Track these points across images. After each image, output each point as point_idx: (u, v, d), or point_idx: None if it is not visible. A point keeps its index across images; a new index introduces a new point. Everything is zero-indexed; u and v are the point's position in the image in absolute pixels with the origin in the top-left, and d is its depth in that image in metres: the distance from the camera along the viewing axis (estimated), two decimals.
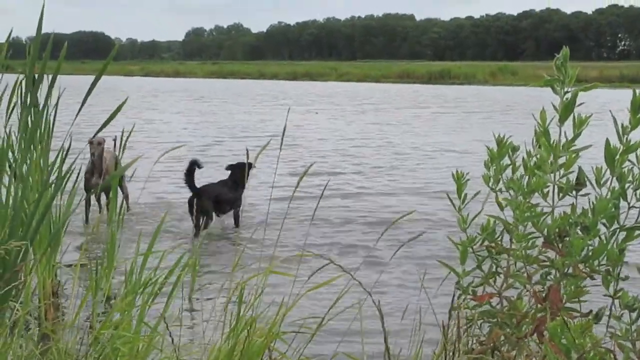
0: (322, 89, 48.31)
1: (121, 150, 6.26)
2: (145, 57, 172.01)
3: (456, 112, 29.27)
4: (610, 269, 3.10)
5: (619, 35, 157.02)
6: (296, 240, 7.93)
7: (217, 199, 8.79)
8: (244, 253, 4.03)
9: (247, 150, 6.11)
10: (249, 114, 27.25)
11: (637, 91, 3.05)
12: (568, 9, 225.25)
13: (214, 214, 8.79)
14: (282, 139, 4.04)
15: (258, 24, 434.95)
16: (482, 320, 3.33)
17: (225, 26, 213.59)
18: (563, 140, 3.09)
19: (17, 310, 3.76)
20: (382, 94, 43.28)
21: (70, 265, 5.67)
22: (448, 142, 18.43)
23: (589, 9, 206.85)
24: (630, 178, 3.06)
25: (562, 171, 3.13)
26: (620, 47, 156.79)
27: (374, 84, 59.46)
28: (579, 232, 3.04)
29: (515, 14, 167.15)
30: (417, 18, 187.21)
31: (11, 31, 5.77)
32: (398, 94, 43.82)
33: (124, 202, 7.77)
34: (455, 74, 61.62)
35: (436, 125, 23.78)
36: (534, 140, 3.15)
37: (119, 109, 4.96)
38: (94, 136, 4.97)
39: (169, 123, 23.52)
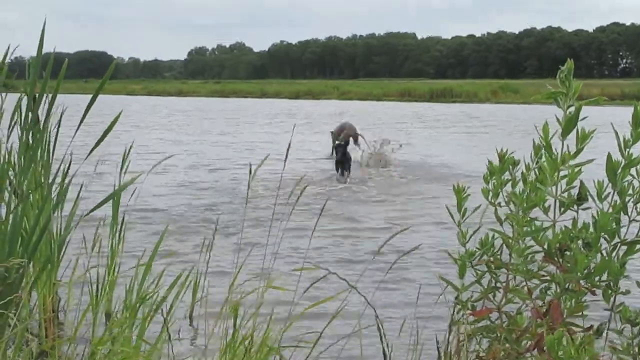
0: (340, 107, 48.04)
1: (123, 169, 6.23)
2: (148, 76, 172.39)
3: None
4: (611, 283, 3.08)
5: (620, 53, 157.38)
6: (296, 252, 7.94)
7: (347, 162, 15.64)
8: (243, 266, 4.01)
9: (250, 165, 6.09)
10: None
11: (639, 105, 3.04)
12: (569, 27, 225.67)
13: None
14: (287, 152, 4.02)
15: (260, 43, 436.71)
16: (481, 336, 3.31)
17: (227, 45, 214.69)
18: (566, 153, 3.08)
19: (15, 325, 3.75)
20: (394, 113, 43.26)
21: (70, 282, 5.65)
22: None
23: (590, 27, 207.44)
24: (630, 191, 3.05)
25: (563, 185, 3.12)
26: (622, 65, 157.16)
27: (376, 102, 59.51)
28: (581, 248, 3.02)
29: (517, 32, 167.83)
30: (419, 36, 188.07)
31: (14, 49, 5.77)
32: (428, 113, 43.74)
33: None
34: (457, 93, 61.68)
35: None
36: (532, 154, 3.14)
37: (113, 123, 4.95)
38: (89, 153, 4.94)
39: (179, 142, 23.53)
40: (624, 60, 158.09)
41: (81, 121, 5.16)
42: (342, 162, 15.61)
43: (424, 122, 35.17)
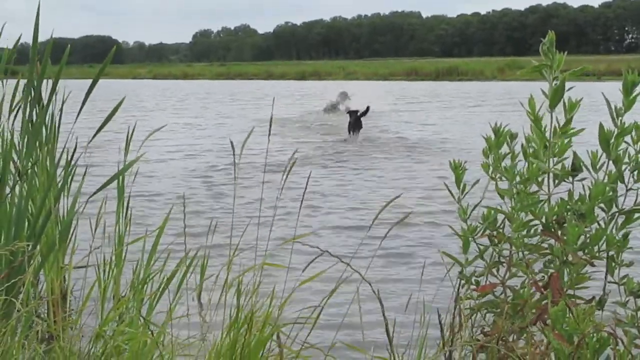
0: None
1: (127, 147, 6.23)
2: (154, 59, 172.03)
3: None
4: (614, 255, 3.08)
5: (626, 28, 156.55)
6: (287, 231, 7.94)
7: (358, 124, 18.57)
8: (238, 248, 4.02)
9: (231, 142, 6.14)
10: None
11: (629, 72, 3.02)
12: (575, 3, 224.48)
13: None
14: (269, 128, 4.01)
15: (265, 25, 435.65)
16: (486, 311, 3.32)
17: (232, 27, 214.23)
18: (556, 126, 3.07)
19: (22, 308, 3.77)
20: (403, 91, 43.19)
21: (80, 267, 5.67)
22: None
23: (595, 3, 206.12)
24: (626, 159, 3.04)
25: (555, 158, 3.11)
26: (628, 40, 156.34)
27: (383, 82, 59.42)
28: (573, 220, 3.02)
29: (522, 9, 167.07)
30: (424, 15, 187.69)
31: (19, 37, 5.80)
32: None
33: None
34: (463, 71, 61.52)
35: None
36: (531, 128, 3.14)
37: (116, 109, 4.96)
38: (92, 138, 4.95)
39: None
40: (630, 36, 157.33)
41: (82, 104, 5.16)
42: (354, 125, 18.61)
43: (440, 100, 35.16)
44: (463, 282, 3.37)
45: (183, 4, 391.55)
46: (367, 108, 19.20)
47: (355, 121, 18.72)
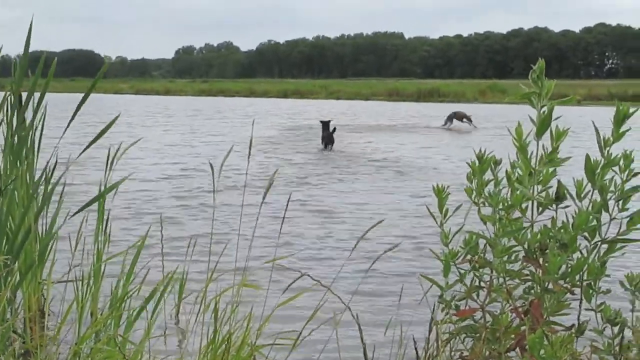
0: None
1: (110, 165, 6.20)
2: (136, 74, 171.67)
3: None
4: (592, 283, 3.09)
5: (607, 53, 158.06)
6: (267, 253, 7.92)
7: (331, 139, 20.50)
8: (217, 265, 4.01)
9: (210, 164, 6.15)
10: None
11: (621, 105, 3.05)
12: (556, 28, 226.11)
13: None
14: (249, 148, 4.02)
15: (248, 43, 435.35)
16: (465, 335, 3.33)
17: (215, 44, 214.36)
18: (542, 154, 3.08)
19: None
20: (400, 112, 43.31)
21: (59, 282, 5.64)
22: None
23: (576, 28, 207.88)
24: (612, 188, 3.05)
25: (540, 186, 3.12)
26: (608, 66, 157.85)
27: (364, 102, 59.60)
28: (555, 249, 3.03)
29: (505, 32, 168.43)
30: (407, 36, 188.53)
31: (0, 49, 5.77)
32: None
33: None
34: (445, 92, 61.74)
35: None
36: (517, 154, 3.15)
37: (109, 126, 4.95)
38: (78, 155, 4.94)
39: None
40: (610, 61, 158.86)
41: (70, 121, 5.15)
42: (327, 137, 20.64)
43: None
44: (443, 306, 3.38)
45: (166, 20, 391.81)
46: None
47: (329, 136, 20.61)
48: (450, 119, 30.15)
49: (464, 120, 29.49)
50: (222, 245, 4.65)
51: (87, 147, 5.20)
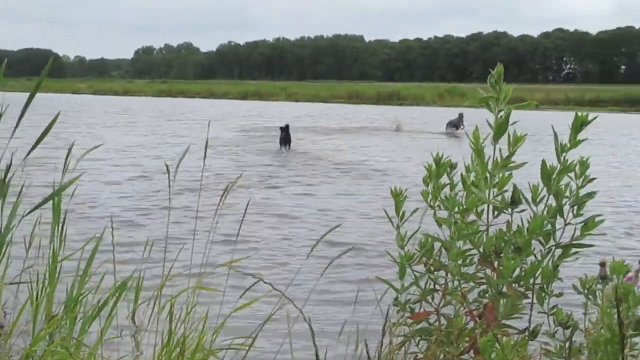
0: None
1: (66, 166, 6.13)
2: (94, 74, 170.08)
3: None
4: (545, 286, 3.12)
5: (564, 59, 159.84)
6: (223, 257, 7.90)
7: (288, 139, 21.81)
8: (173, 269, 3.99)
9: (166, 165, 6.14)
10: None
11: (580, 113, 3.07)
12: (515, 32, 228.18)
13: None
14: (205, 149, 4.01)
15: (208, 44, 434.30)
16: (419, 338, 3.34)
17: (175, 45, 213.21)
18: (498, 158, 3.10)
19: None
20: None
21: (12, 283, 5.57)
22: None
23: (535, 32, 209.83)
24: (567, 194, 3.08)
25: (496, 190, 3.13)
26: (566, 70, 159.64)
27: (324, 104, 59.66)
28: (512, 252, 3.05)
29: (464, 36, 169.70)
30: (367, 39, 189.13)
31: None
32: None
33: None
34: (404, 95, 62.08)
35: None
36: (472, 158, 3.16)
37: (50, 125, 4.88)
38: (28, 153, 4.86)
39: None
40: (568, 66, 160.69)
41: (20, 118, 5.08)
42: (284, 138, 21.98)
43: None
44: (398, 308, 3.38)
45: (126, 20, 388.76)
46: (286, 125, 22.75)
47: (285, 136, 22.08)
48: (454, 125, 31.16)
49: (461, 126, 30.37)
50: (179, 247, 4.61)
51: (33, 147, 5.13)
